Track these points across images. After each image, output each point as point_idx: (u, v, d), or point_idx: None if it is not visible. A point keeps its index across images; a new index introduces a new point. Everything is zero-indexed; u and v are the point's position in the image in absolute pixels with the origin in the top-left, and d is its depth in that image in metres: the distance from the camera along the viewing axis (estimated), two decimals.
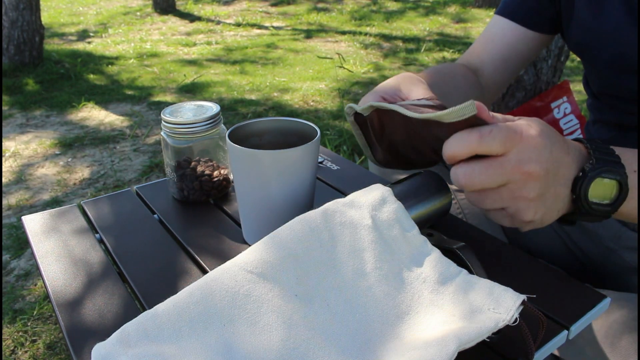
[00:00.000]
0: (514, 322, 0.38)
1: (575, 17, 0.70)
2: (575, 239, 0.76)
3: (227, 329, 0.39)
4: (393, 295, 0.42)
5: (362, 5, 6.18)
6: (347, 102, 2.79)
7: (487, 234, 0.58)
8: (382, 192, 0.48)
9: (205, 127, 0.62)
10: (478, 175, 0.40)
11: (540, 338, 0.40)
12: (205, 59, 3.96)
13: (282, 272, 0.42)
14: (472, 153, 0.40)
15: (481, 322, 0.38)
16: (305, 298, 0.41)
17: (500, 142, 0.39)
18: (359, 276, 0.43)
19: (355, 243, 0.44)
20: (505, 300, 0.39)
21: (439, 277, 0.43)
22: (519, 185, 0.41)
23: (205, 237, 0.59)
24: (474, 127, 0.40)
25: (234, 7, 6.28)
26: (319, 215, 0.45)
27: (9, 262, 1.53)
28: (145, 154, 2.27)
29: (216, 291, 0.40)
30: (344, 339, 0.40)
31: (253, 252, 0.43)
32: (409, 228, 0.46)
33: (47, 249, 0.57)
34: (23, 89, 3.16)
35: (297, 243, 0.43)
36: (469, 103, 0.39)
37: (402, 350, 0.38)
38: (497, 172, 0.40)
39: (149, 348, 0.37)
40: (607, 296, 0.48)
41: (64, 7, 6.46)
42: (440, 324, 0.39)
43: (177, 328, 0.38)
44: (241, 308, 0.40)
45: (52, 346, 1.22)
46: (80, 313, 0.47)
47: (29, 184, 2.02)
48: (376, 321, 0.41)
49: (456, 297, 0.41)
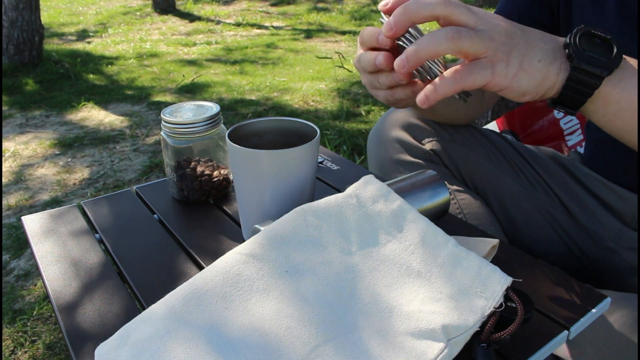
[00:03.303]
0: (499, 307, 0.38)
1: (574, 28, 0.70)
2: (576, 239, 0.76)
3: (219, 305, 0.39)
4: (380, 269, 0.43)
5: (362, 5, 6.18)
6: (347, 103, 2.80)
7: (486, 234, 0.58)
8: (365, 177, 0.49)
9: (205, 127, 0.62)
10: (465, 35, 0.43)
11: (515, 328, 0.39)
12: (205, 59, 3.96)
13: (271, 251, 0.43)
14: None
15: (468, 309, 0.38)
16: (295, 273, 0.42)
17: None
18: (345, 254, 0.44)
19: (341, 222, 0.45)
20: (492, 282, 0.39)
21: (427, 247, 0.43)
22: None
23: (205, 237, 0.59)
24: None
25: (234, 7, 6.28)
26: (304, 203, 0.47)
27: (9, 262, 1.53)
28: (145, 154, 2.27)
29: (208, 273, 0.42)
30: (338, 307, 0.40)
31: (245, 242, 0.45)
32: (393, 199, 0.46)
33: (47, 249, 0.57)
34: (22, 89, 3.16)
35: (283, 225, 0.45)
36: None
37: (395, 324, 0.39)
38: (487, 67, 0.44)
39: (145, 331, 0.38)
40: (607, 296, 0.48)
41: (64, 6, 6.46)
42: (428, 300, 0.39)
43: (170, 306, 0.39)
44: (233, 286, 0.41)
45: (52, 346, 1.22)
46: (80, 313, 0.47)
47: (29, 184, 2.02)
48: (365, 293, 0.41)
49: (444, 272, 0.41)
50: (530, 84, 0.46)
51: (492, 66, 0.44)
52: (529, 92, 0.46)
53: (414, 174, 0.56)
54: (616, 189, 0.74)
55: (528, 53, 0.45)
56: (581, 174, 0.78)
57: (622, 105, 0.47)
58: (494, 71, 0.44)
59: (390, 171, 0.77)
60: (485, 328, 0.38)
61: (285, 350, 0.37)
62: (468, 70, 0.44)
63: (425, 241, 0.43)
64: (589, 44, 0.46)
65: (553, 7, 0.73)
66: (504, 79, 0.45)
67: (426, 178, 0.55)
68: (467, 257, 0.41)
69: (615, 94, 0.47)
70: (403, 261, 0.43)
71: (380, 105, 2.70)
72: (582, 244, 0.76)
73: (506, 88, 0.46)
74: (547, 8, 0.73)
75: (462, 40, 0.43)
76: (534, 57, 0.45)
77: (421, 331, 0.37)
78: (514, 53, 0.45)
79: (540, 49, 0.46)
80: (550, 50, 0.46)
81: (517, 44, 0.45)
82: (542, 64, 0.46)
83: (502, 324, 0.39)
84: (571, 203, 0.76)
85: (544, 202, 0.77)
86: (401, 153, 0.77)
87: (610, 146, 0.74)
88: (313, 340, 0.37)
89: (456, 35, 0.43)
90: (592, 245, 0.75)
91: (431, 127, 0.79)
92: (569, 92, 0.47)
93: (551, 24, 0.75)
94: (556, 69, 0.46)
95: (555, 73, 0.46)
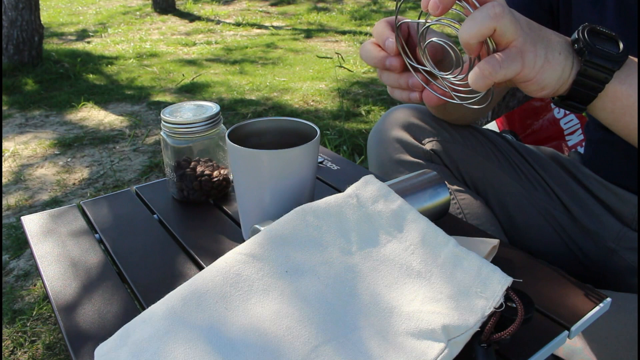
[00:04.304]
0: (500, 308, 0.38)
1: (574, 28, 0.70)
2: (576, 239, 0.76)
3: (219, 305, 0.39)
4: (380, 269, 0.43)
5: (362, 5, 6.17)
6: (347, 102, 2.80)
7: (487, 234, 0.58)
8: (365, 177, 0.49)
9: (205, 127, 0.62)
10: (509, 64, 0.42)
11: (515, 328, 0.39)
12: (205, 59, 3.96)
13: (271, 251, 0.43)
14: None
15: (468, 310, 0.38)
16: (295, 273, 0.42)
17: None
18: (345, 254, 0.44)
19: (341, 222, 0.45)
20: (492, 282, 0.39)
21: (427, 248, 0.43)
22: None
23: (205, 237, 0.59)
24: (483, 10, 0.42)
25: (234, 7, 6.28)
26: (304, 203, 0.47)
27: (8, 262, 1.53)
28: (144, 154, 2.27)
29: (208, 273, 0.42)
30: (338, 307, 0.40)
31: (245, 242, 0.45)
32: (393, 199, 0.46)
33: (47, 249, 0.57)
34: (22, 88, 3.16)
35: (283, 225, 0.45)
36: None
37: (395, 324, 0.38)
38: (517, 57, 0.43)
39: (145, 331, 0.38)
40: (607, 297, 0.48)
41: (64, 6, 6.46)
42: (429, 300, 0.39)
43: (170, 306, 0.39)
44: (233, 286, 0.41)
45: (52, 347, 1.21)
46: (79, 313, 0.47)
47: (28, 184, 2.02)
48: (365, 293, 0.41)
49: (444, 272, 0.41)
50: (552, 77, 0.45)
51: (522, 57, 0.43)
52: (549, 86, 0.46)
53: (414, 174, 0.56)
54: (616, 190, 0.74)
55: (550, 45, 0.45)
56: (581, 175, 0.78)
57: (630, 101, 0.47)
58: (524, 62, 0.43)
59: (391, 171, 0.77)
60: (486, 328, 0.38)
61: (285, 351, 0.37)
62: (500, 60, 0.42)
63: (426, 241, 0.43)
64: (597, 39, 0.46)
65: (553, 7, 0.73)
66: (532, 70, 0.44)
67: (426, 178, 0.55)
68: (468, 257, 0.41)
69: (624, 89, 0.47)
70: (403, 261, 0.43)
71: (380, 105, 2.70)
72: (582, 244, 0.76)
73: (530, 80, 0.45)
74: (546, 8, 0.73)
75: (504, 19, 0.41)
76: (555, 50, 0.45)
77: (421, 331, 0.37)
78: (539, 44, 0.44)
79: (558, 42, 0.46)
80: (565, 43, 0.46)
81: (539, 36, 0.45)
82: (562, 57, 0.46)
83: (503, 324, 0.39)
84: (571, 203, 0.76)
85: (544, 202, 0.77)
86: (401, 153, 0.77)
87: (610, 147, 0.74)
88: (313, 341, 0.37)
89: (500, 12, 0.41)
90: (592, 245, 0.75)
91: (431, 127, 0.79)
92: (580, 87, 0.47)
93: (550, 25, 0.75)
94: (571, 62, 0.46)
95: (570, 67, 0.46)
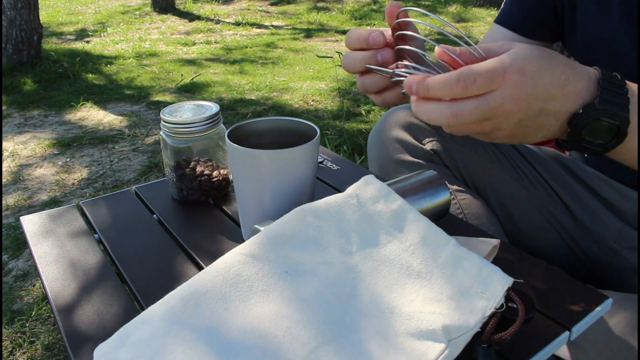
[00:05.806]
0: (500, 308, 0.38)
1: (579, 29, 0.70)
2: (577, 239, 0.76)
3: (219, 306, 0.39)
4: (380, 269, 0.42)
5: (363, 4, 6.17)
6: (347, 102, 2.79)
7: (487, 234, 0.58)
8: (365, 177, 0.49)
9: (205, 127, 0.62)
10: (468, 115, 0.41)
11: (516, 329, 0.39)
12: (204, 59, 3.95)
13: (271, 251, 0.43)
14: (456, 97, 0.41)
15: (469, 310, 0.38)
16: (295, 274, 0.42)
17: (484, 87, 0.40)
18: (345, 254, 0.44)
19: (341, 223, 0.45)
20: (492, 283, 0.39)
21: (427, 248, 0.43)
22: (501, 120, 0.42)
23: (205, 238, 0.58)
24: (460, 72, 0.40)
25: (234, 6, 6.27)
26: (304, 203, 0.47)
27: (7, 262, 1.53)
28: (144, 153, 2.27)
29: (208, 273, 0.41)
30: (338, 308, 0.40)
31: (245, 242, 0.44)
32: (393, 199, 0.46)
33: (46, 249, 0.57)
34: (21, 88, 3.15)
35: (283, 225, 0.45)
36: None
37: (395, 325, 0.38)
38: (485, 110, 0.41)
39: (145, 331, 0.38)
40: (609, 297, 0.48)
41: (63, 6, 6.45)
42: (429, 301, 0.39)
43: (169, 307, 0.39)
44: (233, 286, 0.40)
45: (51, 347, 1.21)
46: (78, 314, 0.47)
47: (27, 184, 2.02)
48: (365, 294, 0.41)
49: (445, 272, 0.41)
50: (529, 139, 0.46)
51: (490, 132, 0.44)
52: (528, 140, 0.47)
53: (414, 174, 0.56)
54: (619, 187, 0.73)
55: (534, 135, 0.45)
56: (583, 173, 0.77)
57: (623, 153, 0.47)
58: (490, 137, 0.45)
59: (391, 171, 0.77)
60: (486, 329, 0.38)
61: (284, 352, 0.36)
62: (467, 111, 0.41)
63: (426, 241, 0.43)
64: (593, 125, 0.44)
65: (557, 8, 0.73)
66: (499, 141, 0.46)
67: (427, 178, 0.55)
68: (468, 257, 0.41)
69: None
70: (403, 261, 0.42)
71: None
72: (583, 244, 0.76)
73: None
74: (550, 9, 0.73)
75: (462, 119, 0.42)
76: (537, 135, 0.46)
77: (422, 332, 0.37)
78: (516, 138, 0.45)
79: (549, 127, 0.45)
80: (560, 124, 0.45)
81: (523, 132, 0.44)
82: (545, 138, 0.46)
83: (503, 324, 0.38)
84: (573, 203, 0.75)
85: (545, 202, 0.77)
86: (402, 153, 0.77)
87: None
88: (313, 341, 0.37)
89: (452, 120, 0.41)
90: (593, 245, 0.74)
91: (431, 127, 0.78)
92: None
93: (555, 25, 0.74)
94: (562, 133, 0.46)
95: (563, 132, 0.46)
